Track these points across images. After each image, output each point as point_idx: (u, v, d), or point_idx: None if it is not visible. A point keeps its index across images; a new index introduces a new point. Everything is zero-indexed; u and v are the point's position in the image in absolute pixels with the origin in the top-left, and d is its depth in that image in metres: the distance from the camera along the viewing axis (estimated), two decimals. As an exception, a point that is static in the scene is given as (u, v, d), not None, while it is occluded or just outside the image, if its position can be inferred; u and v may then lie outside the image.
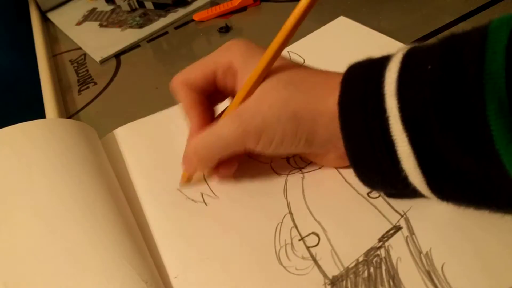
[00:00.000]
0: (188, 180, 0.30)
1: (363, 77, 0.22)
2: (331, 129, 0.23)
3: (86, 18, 0.64)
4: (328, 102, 0.23)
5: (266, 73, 0.25)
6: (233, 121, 0.25)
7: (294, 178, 0.28)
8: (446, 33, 0.20)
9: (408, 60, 0.21)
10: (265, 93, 0.24)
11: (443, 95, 0.18)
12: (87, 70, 0.52)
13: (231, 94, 0.29)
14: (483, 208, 0.22)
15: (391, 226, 0.24)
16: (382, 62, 0.22)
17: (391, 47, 0.23)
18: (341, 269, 0.23)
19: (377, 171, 0.22)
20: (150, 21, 0.57)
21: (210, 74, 0.27)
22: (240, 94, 0.25)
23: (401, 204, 0.25)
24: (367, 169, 0.23)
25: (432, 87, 0.19)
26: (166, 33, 0.55)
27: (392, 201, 0.25)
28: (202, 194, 0.29)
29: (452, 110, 0.18)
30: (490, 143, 0.17)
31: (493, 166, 0.18)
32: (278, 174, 0.29)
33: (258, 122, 0.24)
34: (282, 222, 0.26)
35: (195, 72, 0.28)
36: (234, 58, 0.26)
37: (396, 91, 0.20)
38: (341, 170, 0.28)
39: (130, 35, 0.56)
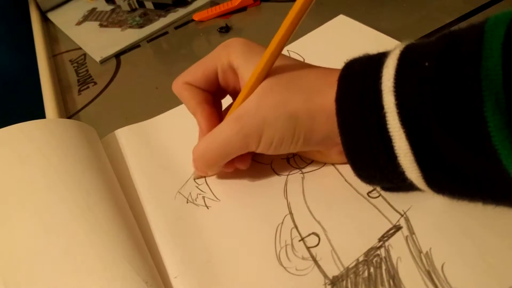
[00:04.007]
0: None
1: (360, 74, 0.22)
2: (329, 126, 0.23)
3: (86, 18, 0.64)
4: (326, 100, 0.23)
5: (267, 72, 0.25)
6: (234, 126, 0.25)
7: (294, 179, 0.28)
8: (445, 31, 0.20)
9: (405, 57, 0.21)
10: (264, 94, 0.25)
11: (441, 92, 0.18)
12: (87, 70, 0.52)
13: (233, 92, 0.29)
14: (478, 201, 0.22)
15: (391, 226, 0.24)
16: (379, 59, 0.22)
17: (390, 46, 0.23)
18: (341, 269, 0.23)
19: (374, 167, 0.22)
20: (150, 21, 0.57)
21: (211, 74, 0.28)
22: (241, 95, 0.26)
23: (401, 204, 0.25)
24: (363, 164, 0.23)
25: (430, 83, 0.19)
26: (166, 33, 0.55)
27: (392, 201, 0.25)
28: (204, 198, 0.29)
29: (450, 106, 0.18)
30: (487, 139, 0.17)
31: (490, 161, 0.18)
32: (278, 174, 0.29)
33: (258, 124, 0.24)
34: (282, 223, 0.26)
35: (196, 73, 0.28)
36: (233, 56, 0.26)
37: (393, 88, 0.20)
38: (341, 170, 0.28)
39: (130, 35, 0.56)
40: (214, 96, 0.29)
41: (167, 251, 0.27)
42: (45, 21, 0.67)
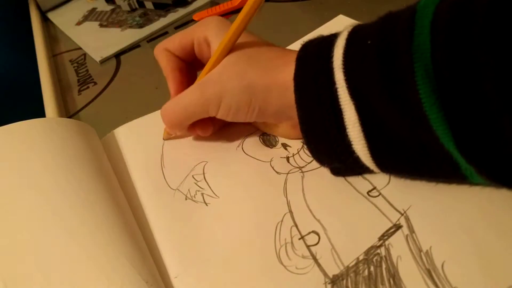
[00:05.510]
0: (169, 134, 0.34)
1: (315, 54, 0.25)
2: (283, 100, 0.26)
3: (86, 18, 0.64)
4: (281, 75, 0.26)
5: (231, 47, 0.27)
6: (196, 91, 0.28)
7: (294, 177, 0.28)
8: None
9: (352, 37, 0.23)
10: (227, 66, 0.27)
11: (381, 66, 0.21)
12: (87, 70, 0.52)
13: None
14: (419, 177, 0.25)
15: (391, 225, 0.24)
16: (331, 40, 0.24)
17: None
18: (342, 268, 0.23)
19: (325, 140, 0.25)
20: (150, 21, 0.57)
21: (188, 45, 0.31)
22: (208, 65, 0.28)
23: (401, 203, 0.25)
24: (315, 138, 0.25)
25: (371, 59, 0.21)
26: (166, 33, 0.55)
27: (392, 200, 0.25)
28: (202, 195, 0.29)
29: (389, 78, 0.21)
30: (419, 106, 0.19)
31: (423, 128, 0.20)
32: (278, 173, 0.29)
33: (217, 92, 0.27)
34: (282, 221, 0.26)
35: (174, 41, 0.31)
36: (208, 32, 0.29)
37: (342, 65, 0.22)
38: (341, 169, 0.28)
39: (130, 35, 0.56)
40: (190, 66, 0.32)
41: (167, 250, 0.27)
42: (45, 21, 0.67)
